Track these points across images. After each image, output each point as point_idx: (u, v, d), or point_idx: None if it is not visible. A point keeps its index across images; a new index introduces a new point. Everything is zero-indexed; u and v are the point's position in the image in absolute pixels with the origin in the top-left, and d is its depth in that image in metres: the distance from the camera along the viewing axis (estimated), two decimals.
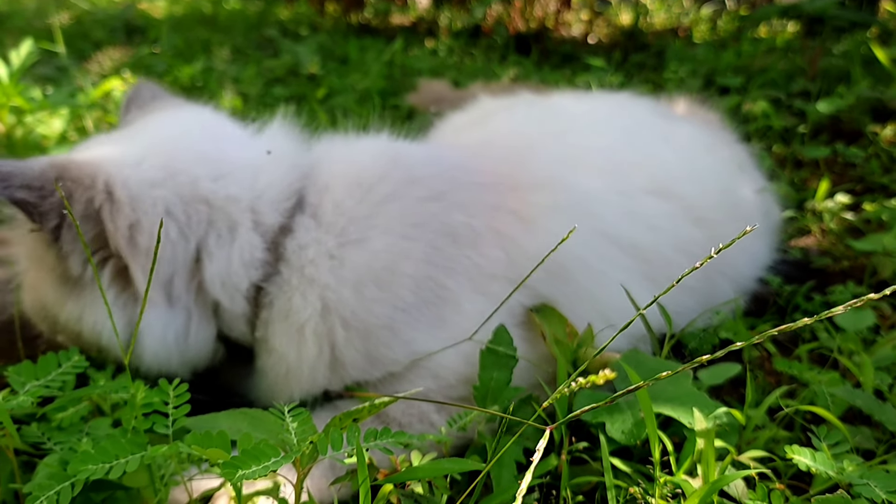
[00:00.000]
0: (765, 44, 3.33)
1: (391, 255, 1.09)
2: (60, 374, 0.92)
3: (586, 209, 1.24)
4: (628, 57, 3.50)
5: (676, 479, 0.92)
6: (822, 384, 1.10)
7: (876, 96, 2.39)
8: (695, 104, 1.93)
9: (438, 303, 1.10)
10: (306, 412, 0.81)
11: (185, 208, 1.07)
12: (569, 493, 0.96)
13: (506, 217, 1.17)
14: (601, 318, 1.17)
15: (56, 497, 0.77)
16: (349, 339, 1.06)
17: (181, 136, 1.18)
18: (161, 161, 1.09)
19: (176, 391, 0.85)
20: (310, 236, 1.09)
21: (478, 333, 1.09)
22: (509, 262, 1.13)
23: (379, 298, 1.07)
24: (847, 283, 1.49)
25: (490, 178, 1.22)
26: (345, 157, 1.20)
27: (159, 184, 1.07)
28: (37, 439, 0.91)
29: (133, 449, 0.80)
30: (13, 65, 1.96)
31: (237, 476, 0.68)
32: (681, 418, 0.98)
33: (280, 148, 1.19)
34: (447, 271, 1.11)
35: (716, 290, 1.36)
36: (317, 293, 1.07)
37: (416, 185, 1.17)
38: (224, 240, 1.08)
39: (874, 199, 1.89)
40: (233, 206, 1.09)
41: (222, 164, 1.12)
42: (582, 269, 1.20)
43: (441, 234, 1.13)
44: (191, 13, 5.00)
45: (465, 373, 1.10)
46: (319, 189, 1.13)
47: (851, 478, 0.84)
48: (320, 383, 1.09)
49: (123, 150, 1.11)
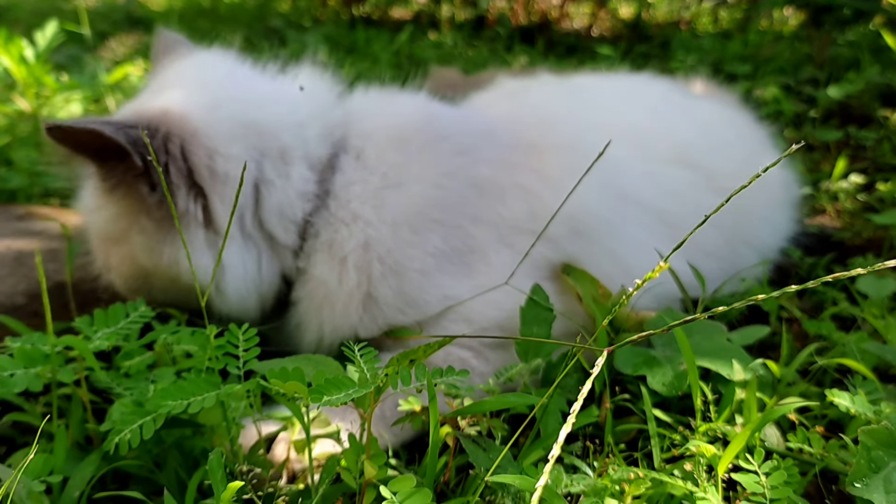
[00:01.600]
0: (770, 34, 3.36)
1: (424, 201, 1.15)
2: (128, 323, 0.95)
3: (609, 173, 1.28)
4: (633, 48, 3.53)
5: (716, 426, 0.95)
6: (851, 342, 1.14)
7: (885, 82, 2.43)
8: (711, 86, 1.97)
9: (466, 251, 1.16)
10: (374, 350, 0.84)
11: (245, 136, 1.13)
12: (612, 441, 0.99)
13: (529, 174, 1.21)
14: (625, 277, 1.20)
15: (139, 430, 0.80)
16: (384, 274, 1.11)
17: (220, 75, 1.24)
18: (215, 96, 1.17)
19: (245, 335, 0.88)
20: (356, 175, 1.16)
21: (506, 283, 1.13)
22: (532, 215, 1.17)
23: (412, 241, 1.12)
24: (866, 256, 1.53)
25: (515, 140, 1.27)
26: (386, 110, 1.27)
27: (219, 109, 1.14)
28: (106, 385, 0.94)
29: (208, 388, 0.83)
30: (39, 46, 1.99)
31: (323, 401, 0.72)
32: (720, 370, 1.02)
33: (314, 87, 1.24)
34: (474, 221, 1.17)
35: (740, 258, 1.40)
36: (360, 228, 1.12)
37: (445, 140, 1.23)
38: (280, 171, 1.14)
39: (887, 179, 1.93)
40: (283, 133, 1.15)
41: (262, 95, 1.19)
42: (606, 229, 1.24)
43: (468, 184, 1.19)
44: (190, 5, 5.02)
45: (496, 318, 1.14)
46: (362, 135, 1.19)
47: (889, 418, 0.87)
48: (352, 320, 1.13)
49: (186, 93, 1.16)
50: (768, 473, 0.80)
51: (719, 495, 0.82)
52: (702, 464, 0.86)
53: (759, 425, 0.86)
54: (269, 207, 1.13)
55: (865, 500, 0.76)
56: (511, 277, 1.14)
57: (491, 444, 0.91)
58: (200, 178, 1.10)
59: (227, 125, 1.13)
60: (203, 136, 1.10)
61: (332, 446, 0.95)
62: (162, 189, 1.08)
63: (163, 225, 1.11)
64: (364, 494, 0.83)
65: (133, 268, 1.16)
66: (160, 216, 1.10)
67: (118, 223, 1.14)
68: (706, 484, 0.83)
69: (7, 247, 1.48)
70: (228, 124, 1.13)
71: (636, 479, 0.84)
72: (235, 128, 1.13)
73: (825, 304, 1.39)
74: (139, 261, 1.14)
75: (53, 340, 0.88)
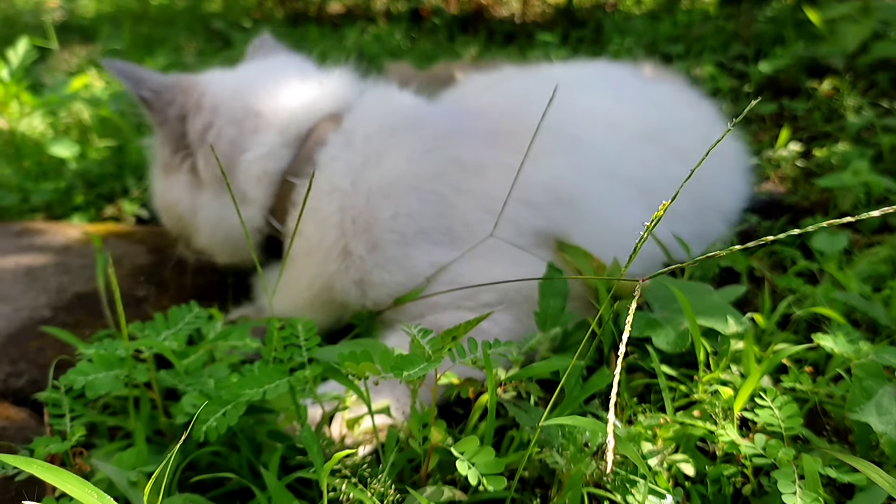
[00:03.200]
0: (698, 14, 3.54)
1: (399, 173, 1.30)
2: (186, 325, 1.03)
3: (586, 151, 1.41)
4: (569, 33, 3.67)
5: (718, 375, 1.09)
6: (819, 294, 1.29)
7: (810, 55, 2.63)
8: (659, 68, 2.11)
9: (449, 216, 1.29)
10: (430, 330, 0.94)
11: (244, 117, 1.38)
12: (626, 396, 1.11)
13: (510, 153, 1.31)
14: (612, 242, 1.31)
15: (223, 417, 0.88)
16: (356, 232, 1.27)
17: (264, 71, 1.52)
18: (241, 84, 1.44)
19: (305, 325, 0.97)
20: (340, 153, 1.33)
21: (493, 250, 1.25)
22: (516, 184, 1.26)
23: (382, 205, 1.28)
24: (815, 216, 1.69)
25: (494, 126, 1.39)
26: (382, 102, 1.44)
27: (233, 97, 1.41)
28: (169, 384, 1.02)
29: (278, 376, 0.92)
30: (13, 63, 2.01)
31: (405, 376, 0.82)
32: (715, 326, 1.15)
33: (332, 83, 1.47)
34: (453, 189, 1.30)
35: (707, 221, 1.54)
36: (337, 197, 1.28)
37: (427, 127, 1.38)
38: (254, 139, 1.38)
39: (822, 145, 2.11)
40: (272, 115, 1.38)
41: (279, 91, 1.42)
42: (588, 198, 1.36)
43: (446, 161, 1.33)
44: (120, 10, 4.97)
45: (487, 281, 1.24)
46: (356, 119, 1.38)
47: (867, 354, 1.02)
48: (330, 269, 1.28)
49: (224, 76, 1.49)
50: (779, 408, 0.93)
51: (736, 431, 0.95)
52: (717, 406, 0.99)
53: (768, 367, 1.00)
54: (239, 167, 1.37)
55: (863, 422, 0.90)
56: (499, 249, 1.25)
57: (527, 406, 1.03)
58: (192, 142, 1.41)
59: (230, 110, 1.39)
60: (206, 112, 1.39)
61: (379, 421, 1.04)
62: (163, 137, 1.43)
63: (170, 166, 1.44)
64: (430, 459, 0.94)
65: (160, 199, 1.49)
66: (168, 158, 1.44)
67: (154, 152, 1.50)
68: (724, 422, 0.96)
69: (16, 263, 1.53)
70: (232, 110, 1.39)
71: (665, 424, 0.96)
72: (237, 112, 1.39)
73: (785, 262, 1.55)
74: (159, 191, 1.49)
75: (128, 344, 0.96)
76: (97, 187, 2.02)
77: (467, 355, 0.92)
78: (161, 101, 1.41)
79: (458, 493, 0.91)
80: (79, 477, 0.68)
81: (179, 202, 1.44)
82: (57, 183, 1.96)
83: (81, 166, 2.05)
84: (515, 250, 1.26)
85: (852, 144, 2.06)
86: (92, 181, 2.03)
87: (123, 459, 0.91)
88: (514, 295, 1.25)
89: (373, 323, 1.30)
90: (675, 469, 0.94)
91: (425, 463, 0.94)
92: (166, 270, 1.55)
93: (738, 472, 0.94)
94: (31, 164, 2.01)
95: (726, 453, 0.96)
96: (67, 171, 2.03)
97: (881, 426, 0.89)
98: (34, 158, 2.05)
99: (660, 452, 0.94)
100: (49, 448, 0.90)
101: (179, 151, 1.43)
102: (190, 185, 1.42)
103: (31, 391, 1.19)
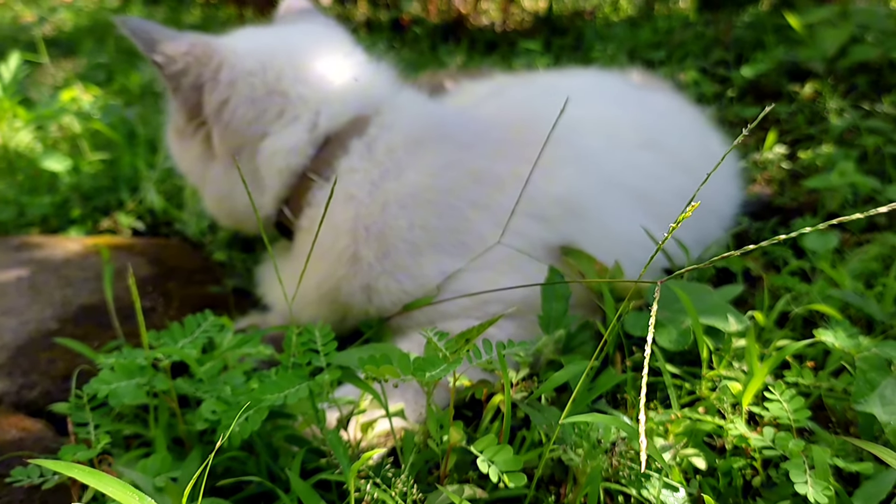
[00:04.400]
0: (678, 20, 3.60)
1: (418, 187, 1.30)
2: (202, 333, 1.04)
3: (592, 161, 1.43)
4: (551, 41, 3.71)
5: (721, 373, 1.12)
6: (814, 292, 1.32)
7: (790, 59, 2.68)
8: (646, 75, 2.15)
9: (463, 231, 1.30)
10: (445, 333, 0.96)
11: (267, 97, 1.34)
12: (633, 394, 1.14)
13: (522, 163, 1.33)
14: (619, 251, 1.35)
15: (245, 422, 0.90)
16: (367, 240, 1.28)
17: (295, 42, 1.43)
18: (265, 58, 1.36)
19: (322, 331, 0.99)
20: (360, 163, 1.32)
21: (503, 262, 1.27)
22: (529, 199, 1.30)
23: (398, 215, 1.28)
24: (805, 216, 1.73)
25: (506, 136, 1.41)
26: (411, 110, 1.41)
27: (254, 73, 1.34)
28: (186, 392, 1.03)
29: (298, 381, 0.94)
30: (5, 78, 2.01)
31: (427, 377, 0.84)
32: (717, 325, 1.18)
33: (369, 77, 1.42)
34: (470, 204, 1.31)
35: (706, 226, 1.58)
36: (353, 205, 1.28)
37: (449, 139, 1.38)
38: (278, 126, 1.35)
39: (807, 147, 2.16)
40: (302, 104, 1.34)
41: (310, 74, 1.37)
42: (596, 208, 1.38)
43: (465, 174, 1.33)
44: (97, 24, 4.96)
45: (495, 293, 1.26)
46: (382, 127, 1.35)
47: (867, 349, 1.05)
48: (338, 273, 1.29)
49: (246, 44, 1.39)
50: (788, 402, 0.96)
51: (745, 425, 0.98)
52: (724, 401, 1.02)
53: (775, 363, 1.03)
54: (262, 151, 1.34)
55: (867, 413, 0.94)
56: (508, 261, 1.27)
57: (540, 406, 1.05)
58: (208, 115, 1.36)
59: (250, 87, 1.34)
60: (223, 86, 1.34)
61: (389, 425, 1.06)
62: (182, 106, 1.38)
63: (184, 132, 1.42)
64: (448, 458, 0.96)
65: (173, 154, 1.49)
66: (182, 124, 1.41)
67: (170, 115, 1.46)
68: (733, 416, 0.99)
69: (17, 277, 1.54)
70: (252, 87, 1.34)
71: (675, 420, 0.99)
72: (258, 90, 1.34)
73: (777, 262, 1.58)
74: (172, 149, 1.48)
75: (149, 353, 0.97)
76: (92, 200, 2.02)
77: (483, 356, 0.94)
78: (174, 69, 1.33)
79: (479, 490, 0.93)
80: (117, 479, 0.70)
81: (190, 169, 1.45)
82: (52, 197, 1.96)
83: (75, 180, 2.05)
84: (526, 262, 1.28)
85: (836, 146, 2.11)
86: (86, 194, 2.03)
87: (147, 466, 0.92)
88: (522, 305, 1.27)
89: (382, 329, 1.32)
90: (685, 463, 0.97)
91: (444, 463, 0.96)
92: (169, 282, 1.56)
93: (747, 465, 0.97)
94: (23, 179, 2.01)
95: (735, 447, 0.99)
96: (61, 185, 2.03)
97: (885, 416, 0.92)
98: (27, 173, 2.05)
99: (672, 447, 0.97)
100: (77, 455, 0.92)
101: (193, 120, 1.39)
102: (202, 154, 1.40)
103: (45, 403, 1.20)
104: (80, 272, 1.57)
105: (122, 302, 1.41)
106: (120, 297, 1.42)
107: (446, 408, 1.06)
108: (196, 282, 1.61)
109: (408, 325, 1.29)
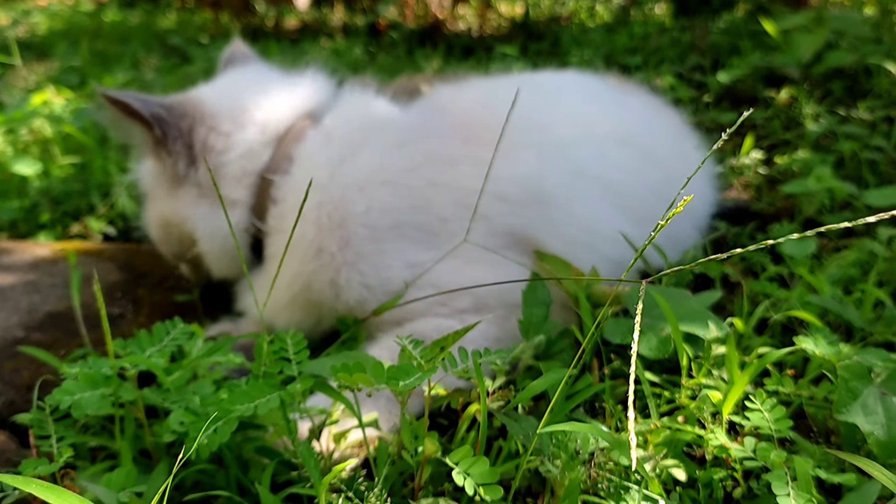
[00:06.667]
0: (654, 26, 3.60)
1: (373, 167, 1.31)
2: (171, 341, 1.01)
3: (561, 150, 1.42)
4: (528, 46, 3.71)
5: (701, 381, 1.10)
6: (793, 298, 1.31)
7: (766, 65, 2.68)
8: (621, 80, 2.14)
9: (420, 208, 1.29)
10: (420, 341, 0.94)
11: (230, 122, 1.42)
12: (611, 402, 1.12)
13: (481, 147, 1.32)
14: (586, 242, 1.34)
15: (214, 434, 0.87)
16: (331, 227, 1.28)
17: (244, 79, 1.57)
18: (226, 92, 1.49)
19: (294, 339, 0.97)
20: (320, 148, 1.35)
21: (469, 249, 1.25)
22: (488, 178, 1.26)
23: (356, 199, 1.29)
24: (782, 222, 1.72)
25: (464, 120, 1.41)
26: (361, 102, 1.47)
27: (221, 106, 1.44)
28: (153, 402, 1.00)
29: (269, 390, 0.91)
30: None
31: (401, 387, 0.82)
32: (696, 331, 1.16)
33: (309, 84, 1.52)
34: (427, 182, 1.31)
35: (680, 226, 1.57)
36: (316, 191, 1.28)
37: (400, 123, 1.41)
38: (235, 140, 1.41)
39: (783, 153, 2.16)
40: (253, 117, 1.43)
41: (260, 93, 1.47)
42: (562, 195, 1.37)
43: (420, 154, 1.34)
44: (72, 27, 4.90)
45: (462, 283, 1.24)
46: (336, 117, 1.41)
47: (847, 356, 1.04)
48: (308, 268, 1.29)
49: (211, 88, 1.52)
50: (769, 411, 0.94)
51: (725, 435, 0.96)
52: (704, 410, 1.01)
53: (755, 372, 1.01)
54: (224, 172, 1.40)
55: (849, 423, 0.92)
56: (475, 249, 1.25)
57: (516, 415, 1.03)
58: (196, 151, 1.40)
59: (218, 118, 1.42)
60: (207, 120, 1.41)
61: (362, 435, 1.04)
62: (173, 153, 1.41)
63: (174, 183, 1.43)
64: (423, 470, 0.93)
65: (158, 218, 1.49)
66: (172, 176, 1.42)
67: (153, 179, 1.48)
68: (713, 426, 0.97)
69: None
70: (219, 118, 1.42)
71: (655, 430, 0.97)
72: (226, 122, 1.42)
73: (755, 267, 1.57)
74: (160, 210, 1.48)
75: (114, 363, 0.94)
76: (62, 205, 1.98)
77: (458, 365, 0.92)
78: (174, 115, 1.40)
79: (454, 503, 0.90)
80: (78, 496, 0.67)
81: (186, 218, 1.43)
82: (22, 201, 1.92)
83: (45, 184, 2.01)
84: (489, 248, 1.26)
85: (812, 151, 2.11)
86: (57, 199, 1.99)
87: (112, 480, 0.89)
88: (490, 299, 1.25)
89: (359, 329, 1.30)
90: (665, 474, 0.95)
91: (418, 475, 0.94)
92: (139, 288, 1.53)
93: (728, 476, 0.95)
94: None
95: (716, 457, 0.98)
96: (31, 189, 1.99)
97: (868, 426, 0.91)
98: None
99: (651, 458, 0.95)
100: (38, 470, 0.88)
101: (192, 164, 1.43)
102: (196, 197, 1.42)
103: (9, 413, 1.16)
104: (49, 278, 1.53)
105: (90, 309, 1.37)
106: (88, 304, 1.38)
107: (421, 416, 1.04)
108: (167, 288, 1.57)
109: (377, 325, 1.27)
